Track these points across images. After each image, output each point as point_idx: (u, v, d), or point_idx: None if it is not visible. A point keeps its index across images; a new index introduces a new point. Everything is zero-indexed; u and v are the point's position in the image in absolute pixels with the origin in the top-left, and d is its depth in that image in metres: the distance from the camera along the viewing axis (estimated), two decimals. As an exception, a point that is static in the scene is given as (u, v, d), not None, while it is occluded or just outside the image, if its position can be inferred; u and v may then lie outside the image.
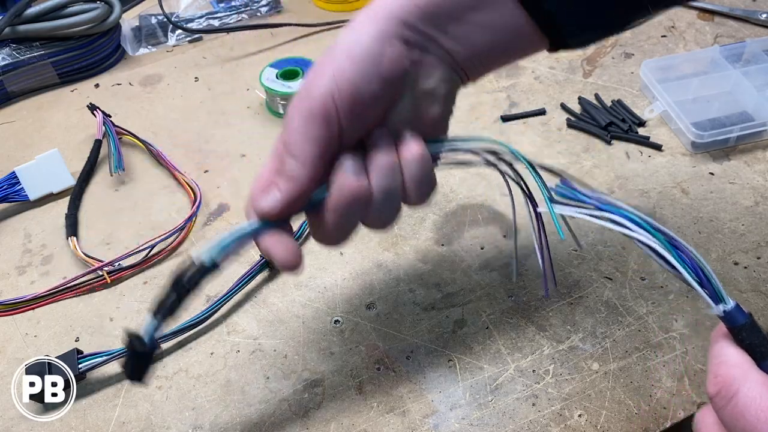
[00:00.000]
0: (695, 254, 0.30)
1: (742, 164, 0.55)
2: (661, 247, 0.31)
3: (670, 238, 0.31)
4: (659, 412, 0.40)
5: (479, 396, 0.42)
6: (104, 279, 0.50)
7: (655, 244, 0.31)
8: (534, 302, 0.47)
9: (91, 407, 0.43)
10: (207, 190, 0.57)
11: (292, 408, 0.42)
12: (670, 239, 0.31)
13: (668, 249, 0.30)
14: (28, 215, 0.57)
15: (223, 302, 0.47)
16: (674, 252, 0.30)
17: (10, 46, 0.66)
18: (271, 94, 0.63)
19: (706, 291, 0.30)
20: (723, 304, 0.30)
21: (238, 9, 0.77)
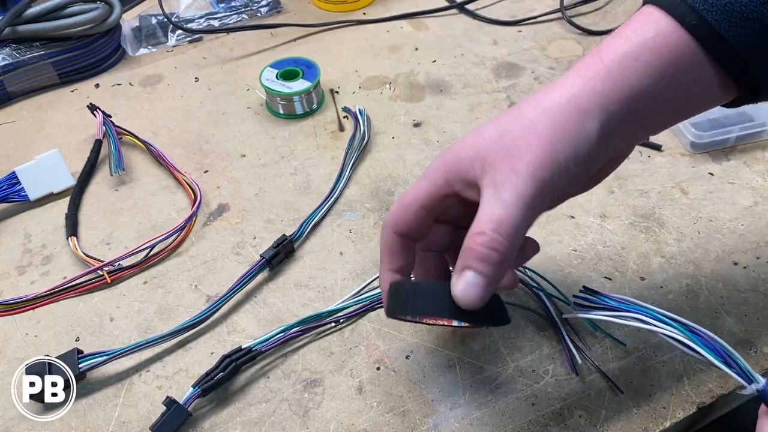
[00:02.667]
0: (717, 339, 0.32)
1: (742, 164, 0.55)
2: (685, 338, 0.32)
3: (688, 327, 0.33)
4: (659, 412, 0.41)
5: (479, 396, 0.42)
6: (104, 279, 0.50)
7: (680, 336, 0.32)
8: (533, 302, 0.47)
9: (91, 407, 0.43)
10: (207, 190, 0.57)
11: (292, 408, 0.42)
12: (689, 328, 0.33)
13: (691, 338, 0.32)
14: (28, 215, 0.57)
15: (223, 302, 0.47)
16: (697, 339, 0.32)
17: (10, 46, 0.66)
18: (271, 94, 0.63)
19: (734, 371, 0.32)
20: (755, 383, 0.32)
21: (238, 9, 0.78)
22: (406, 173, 0.57)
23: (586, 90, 0.33)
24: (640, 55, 0.32)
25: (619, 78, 0.32)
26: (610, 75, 0.32)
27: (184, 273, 0.51)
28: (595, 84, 0.33)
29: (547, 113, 0.33)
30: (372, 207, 0.54)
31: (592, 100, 0.32)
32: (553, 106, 0.33)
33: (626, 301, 0.34)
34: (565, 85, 0.33)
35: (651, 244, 0.50)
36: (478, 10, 0.75)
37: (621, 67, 0.32)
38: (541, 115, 0.33)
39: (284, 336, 0.44)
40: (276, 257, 0.49)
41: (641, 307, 0.34)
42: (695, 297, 0.46)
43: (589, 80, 0.33)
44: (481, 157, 0.33)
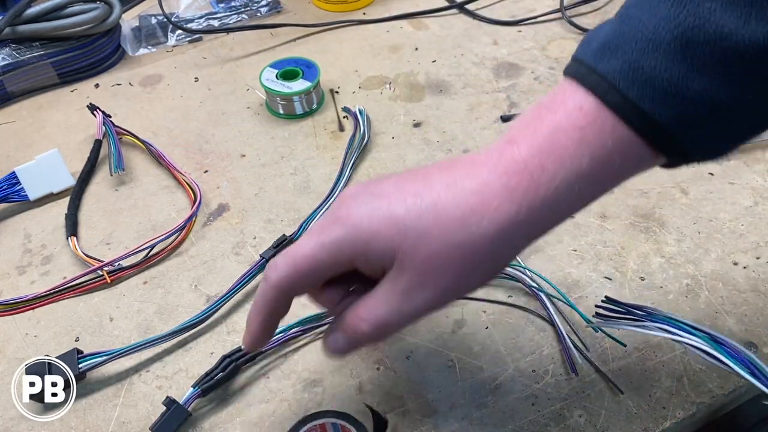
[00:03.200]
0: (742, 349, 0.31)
1: (742, 164, 0.55)
2: (711, 348, 0.32)
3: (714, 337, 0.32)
4: (658, 412, 0.41)
5: (479, 396, 0.42)
6: (104, 279, 0.50)
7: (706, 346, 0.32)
8: (533, 302, 0.47)
9: (91, 407, 0.43)
10: (207, 190, 0.57)
11: (292, 408, 0.42)
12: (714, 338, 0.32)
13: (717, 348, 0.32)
14: (28, 215, 0.57)
15: (223, 302, 0.47)
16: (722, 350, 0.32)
17: (10, 46, 0.66)
18: (271, 94, 0.63)
19: (761, 382, 0.31)
20: None
21: (238, 9, 0.78)
22: (406, 173, 0.57)
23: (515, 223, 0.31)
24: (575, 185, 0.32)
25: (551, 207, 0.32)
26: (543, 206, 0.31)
27: (184, 273, 0.51)
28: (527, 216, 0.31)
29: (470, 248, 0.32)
30: (372, 207, 0.54)
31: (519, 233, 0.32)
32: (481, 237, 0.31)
33: (650, 310, 0.34)
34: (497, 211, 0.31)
35: (651, 244, 0.50)
36: (478, 10, 0.75)
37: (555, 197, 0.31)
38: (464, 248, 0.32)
39: (284, 336, 0.45)
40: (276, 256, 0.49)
41: (666, 317, 0.33)
42: (695, 297, 0.46)
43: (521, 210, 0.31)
44: (394, 251, 0.32)
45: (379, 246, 0.32)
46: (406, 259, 0.32)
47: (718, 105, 0.30)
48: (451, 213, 0.32)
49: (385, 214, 0.32)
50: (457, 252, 0.32)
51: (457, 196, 0.32)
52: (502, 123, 0.61)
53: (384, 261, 0.33)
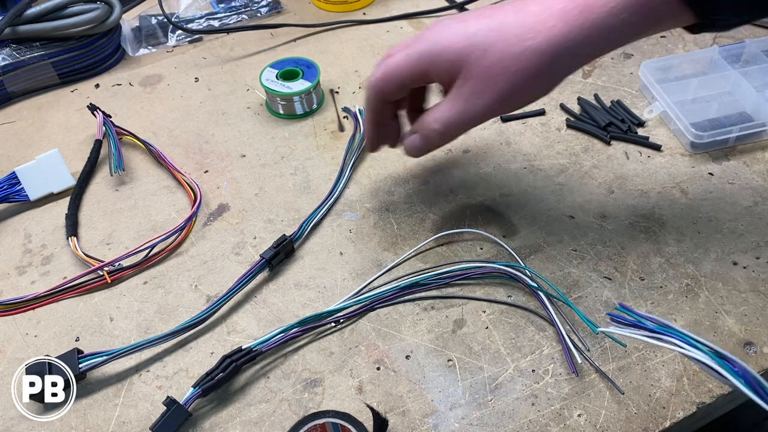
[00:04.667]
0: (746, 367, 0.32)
1: (741, 164, 0.55)
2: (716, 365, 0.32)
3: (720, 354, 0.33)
4: (658, 412, 0.41)
5: (479, 396, 0.42)
6: (104, 279, 0.50)
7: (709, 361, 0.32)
8: (533, 302, 0.47)
9: (91, 407, 0.43)
10: (207, 190, 0.57)
11: (292, 408, 0.42)
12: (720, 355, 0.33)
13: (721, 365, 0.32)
14: (29, 215, 0.57)
15: (223, 302, 0.47)
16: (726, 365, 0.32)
17: (10, 46, 0.66)
18: (271, 95, 0.63)
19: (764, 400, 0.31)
20: None
21: (238, 9, 0.78)
22: (406, 173, 0.57)
23: (567, 41, 0.38)
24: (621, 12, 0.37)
25: (598, 31, 0.37)
26: (591, 29, 0.37)
27: (184, 273, 0.51)
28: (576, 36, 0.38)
29: (526, 59, 0.38)
30: (372, 207, 0.54)
31: (568, 51, 0.38)
32: (536, 51, 0.38)
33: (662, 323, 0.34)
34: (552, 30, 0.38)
35: (651, 244, 0.50)
36: (478, 10, 0.75)
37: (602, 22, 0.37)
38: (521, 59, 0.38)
39: (284, 336, 0.45)
40: (276, 257, 0.49)
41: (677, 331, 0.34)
42: (695, 297, 0.46)
43: (572, 30, 0.37)
44: (462, 62, 0.39)
45: (451, 55, 0.40)
46: (471, 68, 0.39)
47: None
48: (512, 30, 0.38)
49: (459, 31, 0.40)
50: (514, 62, 0.38)
51: (520, 16, 0.38)
52: (502, 123, 0.61)
53: (454, 70, 0.40)
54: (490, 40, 0.38)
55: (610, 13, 0.37)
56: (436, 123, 0.43)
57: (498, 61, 0.38)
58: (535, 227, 0.52)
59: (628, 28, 0.38)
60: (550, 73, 0.40)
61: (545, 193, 0.54)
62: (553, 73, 0.40)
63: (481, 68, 0.39)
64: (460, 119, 0.42)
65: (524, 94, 0.41)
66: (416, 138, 0.45)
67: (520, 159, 0.57)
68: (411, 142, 0.46)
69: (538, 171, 0.56)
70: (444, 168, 0.57)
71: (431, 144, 0.45)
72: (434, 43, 0.40)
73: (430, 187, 0.56)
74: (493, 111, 0.41)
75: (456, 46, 0.39)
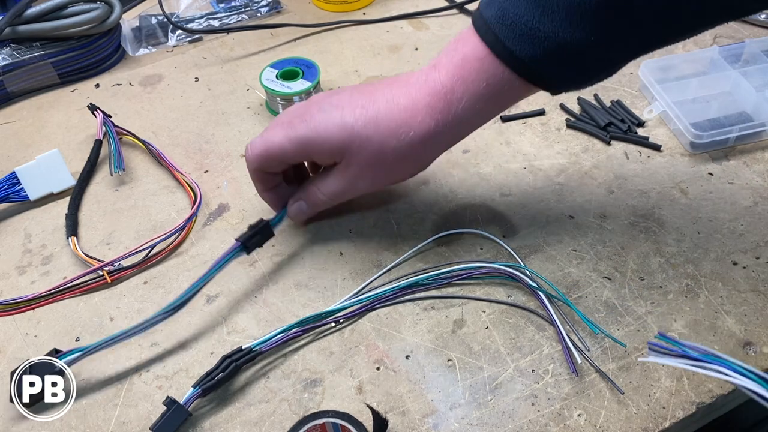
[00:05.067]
0: None
1: (741, 164, 0.55)
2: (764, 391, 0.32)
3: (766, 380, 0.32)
4: (658, 412, 0.41)
5: (479, 396, 0.42)
6: (104, 279, 0.50)
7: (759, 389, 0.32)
8: (533, 302, 0.47)
9: (91, 407, 0.43)
10: (207, 190, 0.57)
11: (292, 408, 0.42)
12: None
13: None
14: (29, 215, 0.57)
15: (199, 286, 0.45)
16: None
17: (10, 46, 0.66)
18: (271, 95, 0.63)
19: None
20: None
21: (238, 9, 0.78)
22: (406, 173, 0.57)
23: (435, 134, 0.43)
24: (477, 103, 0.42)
25: (460, 121, 0.43)
26: (454, 121, 0.43)
27: (184, 273, 0.51)
28: (442, 129, 0.43)
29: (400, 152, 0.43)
30: (372, 207, 0.54)
31: (435, 140, 0.43)
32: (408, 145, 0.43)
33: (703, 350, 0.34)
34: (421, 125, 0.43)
35: (651, 244, 0.50)
36: (478, 10, 0.75)
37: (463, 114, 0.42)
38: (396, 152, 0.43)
39: (284, 336, 0.45)
40: (252, 240, 0.48)
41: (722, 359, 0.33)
42: (695, 297, 0.46)
43: (438, 124, 0.42)
44: (344, 151, 0.44)
45: (333, 146, 0.44)
46: (352, 158, 0.44)
47: (567, 44, 0.38)
48: (387, 124, 0.43)
49: (338, 122, 0.43)
50: (391, 154, 0.44)
51: (392, 110, 0.43)
52: (502, 123, 0.61)
53: (335, 156, 0.45)
54: (368, 132, 0.43)
55: (465, 106, 0.42)
56: (322, 195, 0.48)
57: (376, 153, 0.43)
58: (535, 227, 0.52)
59: (485, 114, 0.44)
60: (421, 159, 0.46)
61: (545, 193, 0.54)
62: (424, 158, 0.46)
63: (362, 158, 0.44)
64: (344, 193, 0.48)
65: (400, 175, 0.48)
66: (303, 204, 0.49)
67: (520, 159, 0.57)
68: (298, 208, 0.50)
69: (538, 171, 0.56)
70: (444, 168, 0.57)
71: (316, 210, 0.50)
72: (315, 132, 0.44)
73: (430, 187, 0.56)
74: (373, 188, 0.48)
75: (337, 138, 0.43)
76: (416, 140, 0.43)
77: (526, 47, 0.38)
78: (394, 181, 0.49)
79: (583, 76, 0.41)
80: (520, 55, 0.39)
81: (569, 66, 0.40)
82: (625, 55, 0.41)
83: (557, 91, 0.43)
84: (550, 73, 0.40)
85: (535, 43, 0.38)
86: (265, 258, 0.51)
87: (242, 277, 0.50)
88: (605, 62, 0.41)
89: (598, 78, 0.42)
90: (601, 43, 0.38)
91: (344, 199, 0.49)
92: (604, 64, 0.41)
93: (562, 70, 0.40)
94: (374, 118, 0.43)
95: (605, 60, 0.40)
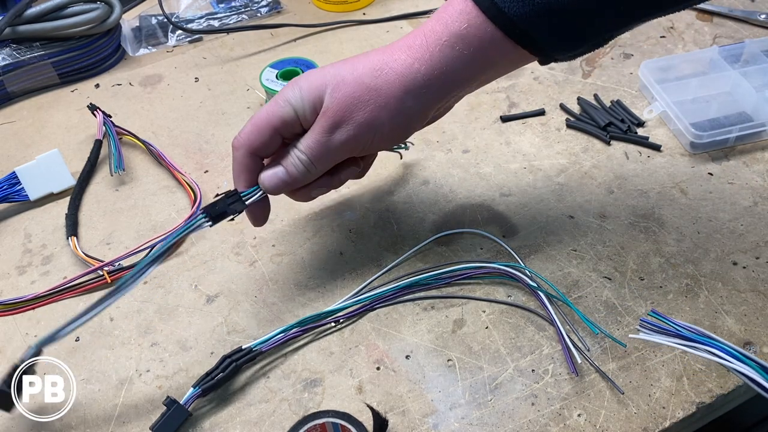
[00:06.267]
0: None
1: (741, 164, 0.55)
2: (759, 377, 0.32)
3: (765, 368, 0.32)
4: (658, 412, 0.41)
5: (479, 395, 0.42)
6: (104, 279, 0.50)
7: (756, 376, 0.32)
8: (533, 302, 0.47)
9: (91, 407, 0.43)
10: (207, 190, 0.57)
11: (292, 408, 0.42)
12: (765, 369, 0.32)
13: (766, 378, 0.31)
14: (29, 215, 0.57)
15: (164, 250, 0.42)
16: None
17: (10, 46, 0.66)
18: (271, 95, 0.63)
19: None
20: None
21: (238, 9, 0.78)
22: (406, 173, 0.57)
23: (411, 72, 0.41)
24: (456, 44, 0.40)
25: (439, 63, 0.40)
26: (432, 61, 0.40)
27: (184, 273, 0.51)
28: (420, 67, 0.40)
29: (376, 89, 0.41)
30: (372, 207, 0.55)
31: (415, 82, 0.41)
32: (385, 81, 0.41)
33: (698, 331, 0.34)
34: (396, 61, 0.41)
35: (650, 244, 0.50)
36: (478, 11, 0.75)
37: (441, 54, 0.40)
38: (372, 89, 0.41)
39: (284, 336, 0.45)
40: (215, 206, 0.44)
41: (714, 340, 0.33)
42: (695, 297, 0.46)
43: (415, 62, 0.40)
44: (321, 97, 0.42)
45: (311, 94, 0.42)
46: (328, 101, 0.42)
47: (557, 4, 0.37)
48: (363, 65, 0.41)
49: (318, 73, 0.42)
50: (368, 93, 0.41)
51: (371, 55, 0.42)
52: (502, 123, 0.61)
53: (316, 108, 0.42)
54: (343, 74, 0.41)
55: (445, 44, 0.40)
56: (299, 153, 0.43)
57: (351, 93, 0.41)
58: (535, 227, 0.52)
59: (468, 63, 0.40)
60: (401, 105, 0.41)
61: (545, 193, 0.54)
62: (405, 106, 0.42)
63: (336, 100, 0.41)
64: (321, 147, 0.42)
65: (380, 127, 0.42)
66: (279, 170, 0.44)
67: (520, 159, 0.57)
68: (273, 174, 0.44)
69: (538, 171, 0.56)
70: (444, 168, 0.57)
71: (294, 178, 0.44)
72: (297, 85, 0.42)
73: (430, 187, 0.56)
74: (353, 142, 0.42)
75: (315, 83, 0.42)
76: (392, 78, 0.41)
77: (514, 5, 0.37)
78: (374, 135, 0.43)
79: (573, 42, 0.40)
80: (508, 12, 0.38)
81: (558, 28, 0.38)
82: (615, 22, 0.40)
83: (546, 59, 0.41)
84: (539, 32, 0.39)
85: (524, 1, 0.37)
86: (265, 258, 0.51)
87: (242, 277, 0.50)
88: (596, 27, 0.40)
89: (588, 46, 0.41)
90: (591, 6, 0.37)
91: (324, 159, 0.43)
92: (595, 29, 0.40)
93: (551, 31, 0.39)
94: (352, 63, 0.42)
95: (596, 25, 0.39)
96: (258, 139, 0.43)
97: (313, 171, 0.44)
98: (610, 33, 0.41)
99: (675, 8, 0.40)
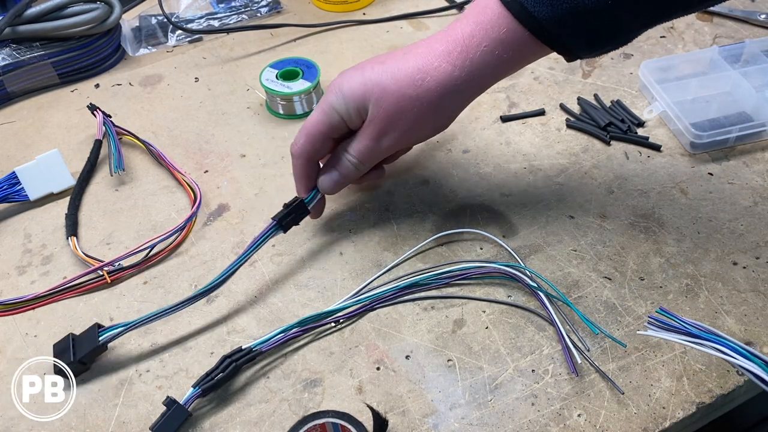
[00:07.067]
0: None
1: (741, 164, 0.55)
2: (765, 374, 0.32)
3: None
4: (658, 412, 0.41)
5: (479, 396, 0.42)
6: (104, 279, 0.50)
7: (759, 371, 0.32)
8: (533, 302, 0.47)
9: (91, 407, 0.43)
10: (207, 190, 0.57)
11: (292, 408, 0.42)
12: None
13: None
14: (29, 215, 0.57)
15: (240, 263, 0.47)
16: None
17: (10, 46, 0.66)
18: (271, 95, 0.63)
19: None
20: None
21: (238, 9, 0.78)
22: (405, 173, 0.57)
23: (452, 79, 0.43)
24: (496, 49, 0.42)
25: (479, 68, 0.43)
26: (472, 66, 0.43)
27: (184, 273, 0.51)
28: (460, 74, 0.43)
29: (418, 99, 0.43)
30: (372, 207, 0.55)
31: (455, 88, 0.43)
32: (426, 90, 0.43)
33: (704, 329, 0.34)
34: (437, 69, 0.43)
35: (650, 244, 0.50)
36: (478, 11, 0.75)
37: (481, 59, 0.42)
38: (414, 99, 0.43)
39: (284, 336, 0.45)
40: (288, 217, 0.49)
41: (720, 337, 0.33)
42: (695, 297, 0.46)
43: (455, 69, 0.43)
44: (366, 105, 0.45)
45: (356, 101, 0.45)
46: (373, 112, 0.45)
47: (583, 7, 0.39)
48: (404, 73, 0.43)
49: (359, 78, 0.45)
50: (411, 103, 0.44)
51: (408, 60, 0.44)
52: (502, 123, 0.61)
53: (361, 113, 0.45)
54: (385, 83, 0.44)
55: (485, 51, 0.42)
56: (350, 156, 0.47)
57: (395, 103, 0.44)
58: (535, 227, 0.52)
59: (503, 64, 0.43)
60: (442, 108, 0.45)
61: (545, 193, 0.54)
62: (445, 108, 0.45)
63: (382, 111, 0.44)
64: (371, 152, 0.47)
65: (423, 129, 0.47)
66: (334, 173, 0.49)
67: (520, 159, 0.57)
68: (329, 178, 0.49)
69: (537, 171, 0.56)
70: (444, 168, 0.57)
71: (348, 178, 0.49)
72: (341, 92, 0.45)
73: (430, 187, 0.56)
74: (399, 145, 0.47)
75: (358, 91, 0.44)
76: (433, 86, 0.43)
77: (543, 8, 0.39)
78: (417, 136, 0.48)
79: (598, 41, 0.42)
80: (537, 15, 0.40)
81: (584, 29, 0.40)
82: (640, 21, 0.41)
83: (572, 57, 0.43)
84: (566, 34, 0.40)
85: (553, 4, 0.39)
86: (265, 258, 0.51)
87: (242, 277, 0.50)
88: (621, 27, 0.41)
89: (614, 45, 0.42)
90: (616, 7, 0.39)
91: (373, 160, 0.48)
92: (620, 30, 0.41)
93: (578, 33, 0.41)
94: (391, 69, 0.44)
95: (621, 25, 0.41)
96: (313, 147, 0.48)
97: (363, 169, 0.49)
98: (634, 32, 0.42)
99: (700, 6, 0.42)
